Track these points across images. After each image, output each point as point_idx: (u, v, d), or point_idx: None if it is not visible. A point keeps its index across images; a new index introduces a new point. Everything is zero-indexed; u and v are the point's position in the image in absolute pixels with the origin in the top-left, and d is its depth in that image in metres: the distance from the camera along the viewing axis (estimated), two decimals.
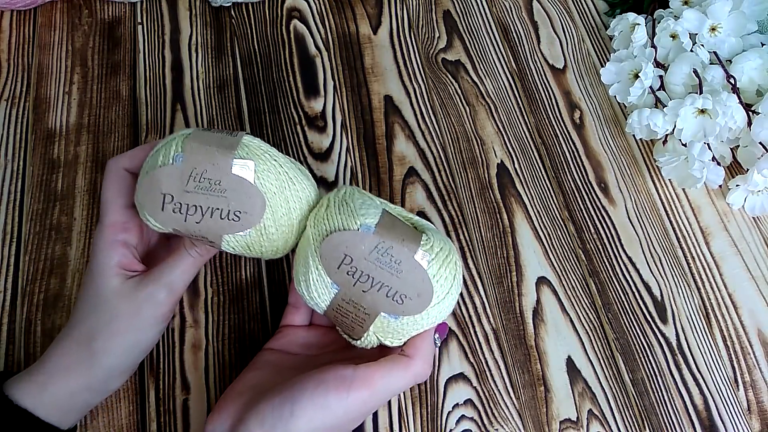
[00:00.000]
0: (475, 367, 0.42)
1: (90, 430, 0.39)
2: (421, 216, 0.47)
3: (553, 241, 0.46)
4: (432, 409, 0.41)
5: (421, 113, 0.51)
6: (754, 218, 0.48)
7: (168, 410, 0.40)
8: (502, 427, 0.41)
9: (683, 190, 0.49)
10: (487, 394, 0.41)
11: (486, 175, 0.49)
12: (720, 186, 0.48)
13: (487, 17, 0.56)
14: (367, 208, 0.35)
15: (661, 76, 0.50)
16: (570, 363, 0.43)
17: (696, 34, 0.50)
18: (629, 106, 0.51)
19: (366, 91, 0.52)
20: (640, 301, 0.45)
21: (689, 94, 0.46)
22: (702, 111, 0.46)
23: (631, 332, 0.44)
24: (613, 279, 0.45)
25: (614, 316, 0.44)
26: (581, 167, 0.49)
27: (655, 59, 0.50)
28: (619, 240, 0.47)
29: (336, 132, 0.50)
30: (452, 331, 0.43)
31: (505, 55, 0.54)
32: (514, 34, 0.55)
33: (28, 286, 0.43)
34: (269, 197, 0.34)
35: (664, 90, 0.50)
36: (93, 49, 0.53)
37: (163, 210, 0.34)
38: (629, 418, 0.41)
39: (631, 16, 0.51)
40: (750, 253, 0.47)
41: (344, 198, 0.35)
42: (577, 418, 0.41)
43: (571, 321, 0.44)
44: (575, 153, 0.50)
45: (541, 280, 0.45)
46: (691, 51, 0.49)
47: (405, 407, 0.41)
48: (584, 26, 0.56)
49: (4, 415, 0.32)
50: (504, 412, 0.41)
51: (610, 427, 0.41)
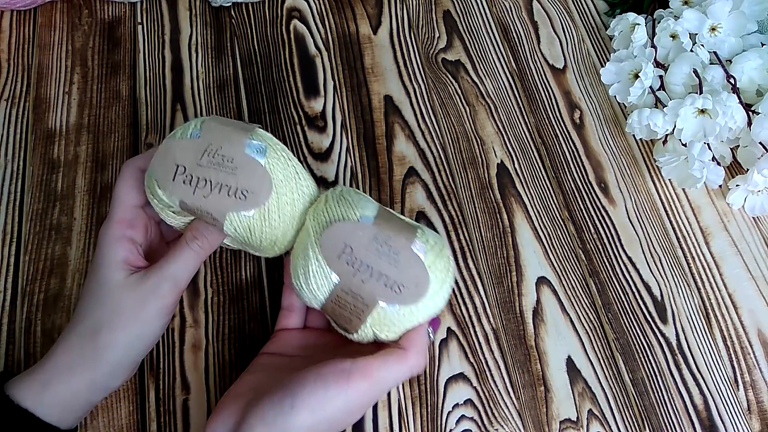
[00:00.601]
0: (475, 367, 0.42)
1: (90, 430, 0.39)
2: (420, 216, 0.47)
3: (553, 241, 0.46)
4: (432, 409, 0.41)
5: (421, 113, 0.51)
6: (754, 218, 0.48)
7: (168, 410, 0.40)
8: (502, 427, 0.41)
9: (683, 190, 0.49)
10: (487, 394, 0.41)
11: (486, 175, 0.49)
12: (720, 186, 0.48)
13: (487, 17, 0.56)
14: (365, 202, 0.36)
15: (661, 76, 0.50)
16: (570, 363, 0.43)
17: (696, 34, 0.50)
18: (629, 106, 0.51)
19: (366, 91, 0.52)
20: (640, 301, 0.45)
21: (689, 94, 0.46)
22: (702, 111, 0.46)
23: (631, 332, 0.44)
24: (613, 279, 0.45)
25: (614, 316, 0.44)
26: (581, 167, 0.49)
27: (655, 59, 0.50)
28: (619, 240, 0.47)
29: (336, 132, 0.50)
30: (452, 331, 0.43)
31: (505, 55, 0.54)
32: (514, 34, 0.55)
33: (28, 286, 0.43)
34: (276, 183, 0.35)
35: (664, 90, 0.50)
36: (93, 49, 0.53)
37: (174, 180, 0.35)
38: (629, 418, 0.41)
39: (631, 16, 0.51)
40: (750, 253, 0.47)
41: (342, 194, 0.36)
42: (577, 418, 0.41)
43: (571, 321, 0.44)
44: (575, 153, 0.50)
45: (541, 280, 0.45)
46: (691, 51, 0.49)
47: (405, 407, 0.41)
48: (584, 26, 0.56)
49: (3, 415, 0.32)
50: (504, 412, 0.41)
51: (610, 427, 0.41)
